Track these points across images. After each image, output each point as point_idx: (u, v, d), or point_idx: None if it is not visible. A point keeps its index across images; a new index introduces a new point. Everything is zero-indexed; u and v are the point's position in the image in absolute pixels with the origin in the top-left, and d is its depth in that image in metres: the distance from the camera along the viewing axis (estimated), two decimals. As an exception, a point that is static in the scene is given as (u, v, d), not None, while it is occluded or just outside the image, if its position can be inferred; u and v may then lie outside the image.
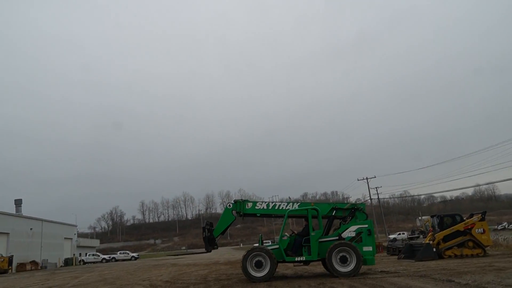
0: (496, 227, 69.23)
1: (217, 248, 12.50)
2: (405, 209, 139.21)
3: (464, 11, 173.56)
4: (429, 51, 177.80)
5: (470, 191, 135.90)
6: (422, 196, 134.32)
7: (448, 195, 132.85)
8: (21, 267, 39.37)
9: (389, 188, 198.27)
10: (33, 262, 42.35)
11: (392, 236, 52.72)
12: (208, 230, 11.99)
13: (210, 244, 11.91)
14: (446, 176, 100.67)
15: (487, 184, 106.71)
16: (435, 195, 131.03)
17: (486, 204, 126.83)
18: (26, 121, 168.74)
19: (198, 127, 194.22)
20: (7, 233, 42.74)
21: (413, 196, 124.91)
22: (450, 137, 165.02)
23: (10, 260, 36.01)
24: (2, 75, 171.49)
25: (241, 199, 12.08)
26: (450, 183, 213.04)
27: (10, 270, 35.74)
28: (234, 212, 11.90)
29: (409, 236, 51.05)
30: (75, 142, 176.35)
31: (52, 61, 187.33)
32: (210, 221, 12.76)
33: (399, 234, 57.32)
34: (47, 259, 47.53)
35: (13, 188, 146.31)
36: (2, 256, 36.34)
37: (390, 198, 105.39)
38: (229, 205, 12.07)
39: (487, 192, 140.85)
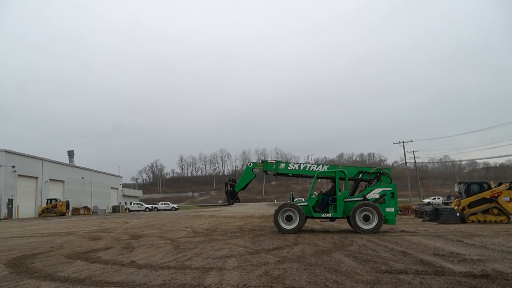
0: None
1: (238, 202, 13.86)
2: (444, 174, 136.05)
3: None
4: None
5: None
6: (464, 162, 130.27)
7: (492, 161, 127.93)
8: (76, 211, 43.70)
9: (429, 152, 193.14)
10: (86, 208, 46.74)
11: (426, 200, 52.80)
12: (230, 185, 13.33)
13: (232, 198, 13.26)
14: (491, 142, 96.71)
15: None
16: (478, 161, 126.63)
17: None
18: (73, 73, 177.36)
19: (238, 83, 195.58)
20: (63, 181, 47.12)
21: (453, 161, 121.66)
22: (502, 101, 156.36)
23: (67, 204, 40.13)
24: (48, 28, 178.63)
25: (268, 160, 13.25)
26: (495, 150, 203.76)
27: (67, 213, 39.97)
28: (254, 170, 13.12)
29: (444, 201, 50.94)
30: (119, 95, 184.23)
31: (99, 12, 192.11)
32: (232, 177, 14.10)
33: (434, 198, 57.22)
34: (97, 206, 52.10)
35: (62, 139, 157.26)
36: (60, 200, 40.53)
37: (429, 162, 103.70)
38: (250, 163, 13.31)
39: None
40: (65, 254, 8.15)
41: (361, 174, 12.37)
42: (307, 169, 12.75)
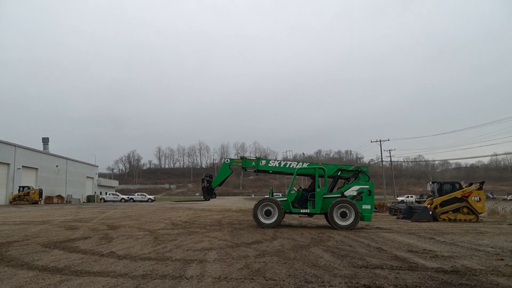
0: (506, 197, 70.13)
1: (215, 198, 13.90)
2: (418, 173, 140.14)
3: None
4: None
5: (486, 160, 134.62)
6: (437, 162, 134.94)
7: (463, 162, 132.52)
8: (49, 200, 42.67)
9: (404, 151, 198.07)
10: (59, 196, 45.71)
11: (400, 198, 54.27)
12: (207, 181, 13.38)
13: (208, 193, 13.31)
14: (464, 144, 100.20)
15: (505, 154, 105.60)
16: (450, 161, 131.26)
17: (501, 174, 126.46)
18: (50, 58, 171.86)
19: (220, 75, 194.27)
20: (36, 169, 45.85)
21: (427, 161, 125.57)
22: (481, 98, 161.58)
23: (40, 192, 39.12)
24: (30, 12, 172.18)
25: (247, 156, 13.32)
26: (467, 151, 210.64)
27: (40, 202, 38.97)
28: (231, 166, 13.16)
29: (417, 200, 52.49)
30: (98, 82, 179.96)
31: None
32: (209, 173, 14.14)
33: (407, 197, 58.92)
34: (71, 195, 50.99)
35: (37, 125, 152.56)
36: (33, 188, 39.46)
37: (404, 161, 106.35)
38: (227, 160, 13.35)
39: (504, 162, 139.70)
40: (41, 243, 8.01)
41: (340, 172, 12.63)
42: (287, 166, 12.90)
